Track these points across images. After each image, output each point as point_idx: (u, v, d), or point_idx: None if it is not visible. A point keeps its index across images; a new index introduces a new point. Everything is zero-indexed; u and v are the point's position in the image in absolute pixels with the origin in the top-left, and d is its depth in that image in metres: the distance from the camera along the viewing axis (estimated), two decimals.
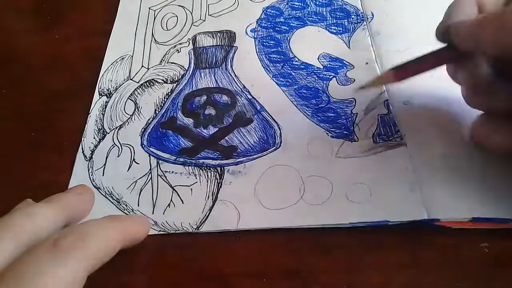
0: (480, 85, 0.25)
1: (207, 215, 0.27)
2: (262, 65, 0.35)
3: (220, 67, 0.35)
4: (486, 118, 0.26)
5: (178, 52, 0.37)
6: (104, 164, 0.30)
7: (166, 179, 0.29)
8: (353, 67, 0.33)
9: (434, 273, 0.24)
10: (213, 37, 0.37)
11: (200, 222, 0.27)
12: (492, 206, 0.24)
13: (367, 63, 0.33)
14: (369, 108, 0.31)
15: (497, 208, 0.24)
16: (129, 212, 0.28)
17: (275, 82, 0.33)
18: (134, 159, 0.30)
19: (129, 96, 0.34)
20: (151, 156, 0.30)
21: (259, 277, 0.25)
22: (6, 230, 0.20)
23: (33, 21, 0.42)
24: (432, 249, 0.25)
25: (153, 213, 0.28)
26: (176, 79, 0.35)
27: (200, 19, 0.39)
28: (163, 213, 0.28)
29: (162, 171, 0.30)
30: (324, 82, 0.33)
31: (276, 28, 0.37)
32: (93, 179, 0.30)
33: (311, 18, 0.37)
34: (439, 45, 0.25)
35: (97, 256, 0.20)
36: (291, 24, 0.37)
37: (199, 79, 0.34)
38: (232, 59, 0.35)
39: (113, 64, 0.36)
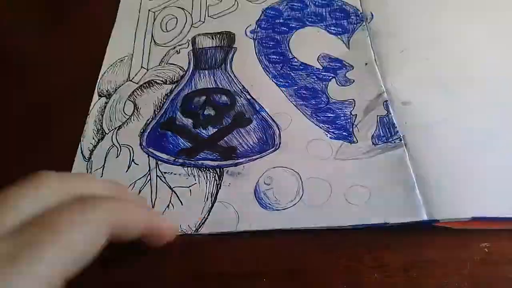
0: None
1: (206, 216, 0.27)
2: (262, 66, 0.35)
3: (220, 68, 0.35)
4: None
5: (178, 53, 0.37)
6: (103, 165, 0.30)
7: (165, 180, 0.29)
8: (353, 68, 0.33)
9: (434, 273, 0.24)
10: (212, 38, 0.37)
11: (199, 224, 0.27)
12: (491, 206, 0.24)
13: (366, 63, 0.33)
14: (368, 109, 0.30)
15: (497, 207, 0.24)
16: None
17: (275, 83, 0.33)
18: (133, 160, 0.30)
19: (128, 97, 0.34)
20: (150, 156, 0.30)
21: (259, 277, 0.25)
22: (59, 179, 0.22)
23: (34, 21, 0.42)
24: (432, 249, 0.25)
25: None
26: (176, 80, 0.35)
27: (200, 20, 0.39)
28: (162, 214, 0.28)
29: (161, 172, 0.30)
30: (324, 82, 0.33)
31: (276, 29, 0.37)
32: None
33: (310, 19, 0.37)
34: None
35: (119, 213, 0.21)
36: (291, 24, 0.37)
37: (199, 80, 0.34)
38: (232, 60, 0.35)
39: (113, 65, 0.36)
